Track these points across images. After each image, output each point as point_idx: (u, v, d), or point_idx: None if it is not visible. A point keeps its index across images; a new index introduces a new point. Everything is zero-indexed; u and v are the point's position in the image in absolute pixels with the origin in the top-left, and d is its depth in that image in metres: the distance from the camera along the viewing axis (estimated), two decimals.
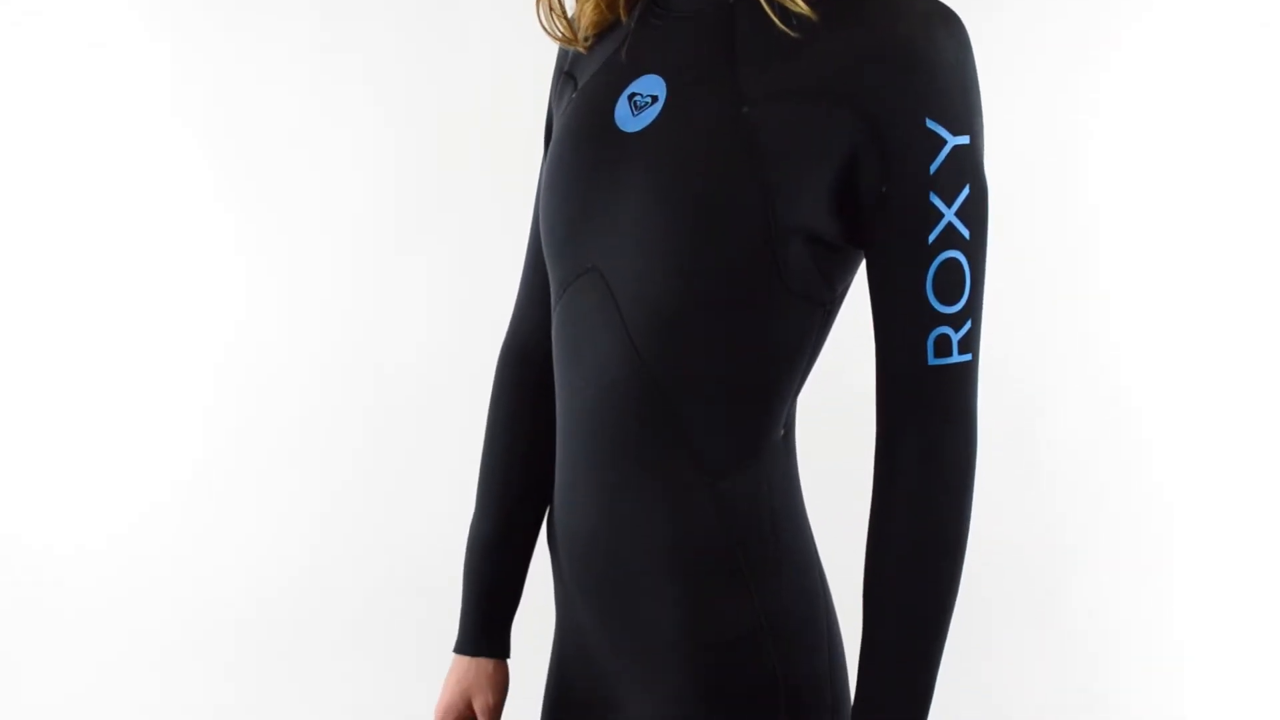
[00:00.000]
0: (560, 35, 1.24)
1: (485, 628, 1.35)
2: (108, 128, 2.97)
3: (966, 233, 1.06)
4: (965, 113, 1.06)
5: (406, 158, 2.99)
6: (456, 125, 2.96)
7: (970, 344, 1.08)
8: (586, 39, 1.23)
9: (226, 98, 2.98)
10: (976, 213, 1.07)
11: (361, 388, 3.00)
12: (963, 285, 1.06)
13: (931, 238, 1.05)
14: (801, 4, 1.06)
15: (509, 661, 1.38)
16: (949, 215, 1.05)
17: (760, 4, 1.08)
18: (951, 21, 1.06)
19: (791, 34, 1.07)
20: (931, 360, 1.07)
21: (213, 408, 3.00)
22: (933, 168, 1.05)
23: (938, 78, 1.04)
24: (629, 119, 1.14)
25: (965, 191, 1.06)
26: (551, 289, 1.22)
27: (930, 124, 1.04)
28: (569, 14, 1.24)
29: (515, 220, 1.72)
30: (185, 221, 3.00)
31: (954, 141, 1.05)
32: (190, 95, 2.98)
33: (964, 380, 1.08)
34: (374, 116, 2.99)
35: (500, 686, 1.36)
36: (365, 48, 2.99)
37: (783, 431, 1.17)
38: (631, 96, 1.14)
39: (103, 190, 2.98)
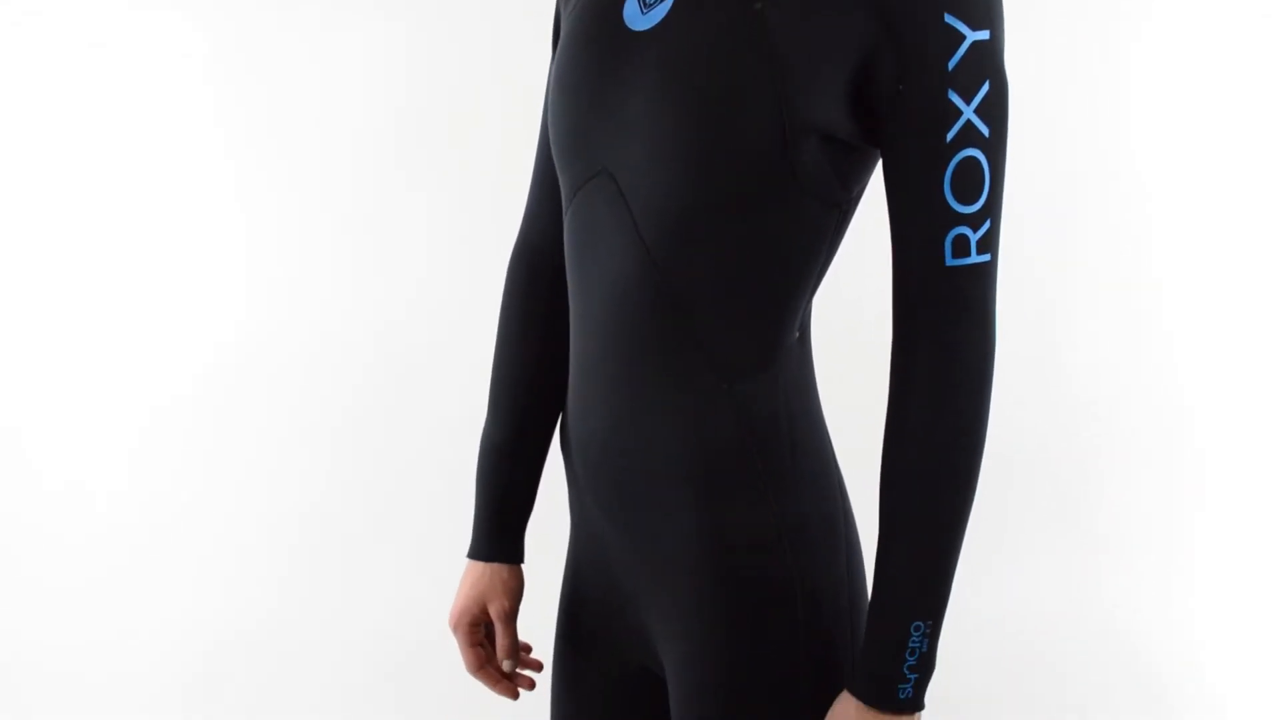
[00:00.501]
0: None
1: (498, 533, 1.35)
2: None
3: (986, 130, 1.03)
4: (985, 7, 1.02)
5: (413, 93, 2.97)
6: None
7: (989, 244, 1.05)
8: None
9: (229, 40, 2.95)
10: (997, 110, 1.03)
11: (369, 299, 2.99)
12: (981, 184, 1.04)
13: (950, 136, 1.02)
14: None
15: (523, 567, 1.38)
16: (968, 113, 1.02)
17: None
18: None
19: None
20: (949, 261, 1.04)
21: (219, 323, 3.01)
22: (951, 64, 1.01)
23: None
24: (638, 17, 1.11)
25: (985, 88, 1.02)
26: (562, 194, 1.20)
27: (949, 19, 1.01)
28: None
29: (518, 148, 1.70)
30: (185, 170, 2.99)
31: (973, 37, 1.02)
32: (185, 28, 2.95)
33: (982, 280, 1.05)
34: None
35: (514, 592, 1.36)
36: None
37: (798, 334, 1.15)
38: None
39: (94, 145, 2.97)
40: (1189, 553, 3.05)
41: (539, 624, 1.57)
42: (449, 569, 1.50)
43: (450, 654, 1.44)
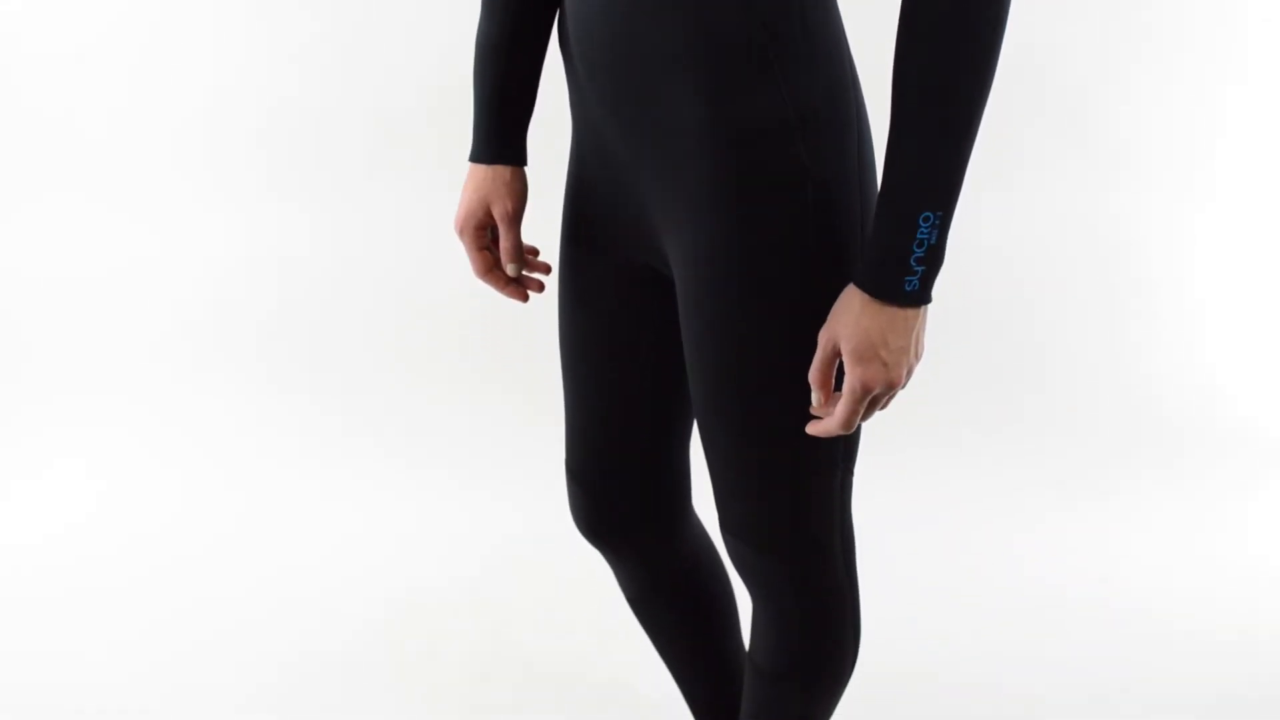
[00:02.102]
0: None
1: (499, 133, 1.32)
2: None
3: None
4: None
5: None
6: None
7: None
8: None
9: None
10: None
11: None
12: None
13: None
14: None
15: (527, 170, 1.36)
16: None
17: None
18: None
19: None
20: None
21: None
22: None
23: None
24: None
25: None
26: None
27: None
28: None
29: None
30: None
31: None
32: None
33: None
34: None
35: (519, 193, 1.34)
36: None
37: None
38: None
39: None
40: (1208, 171, 3.00)
41: (546, 229, 1.58)
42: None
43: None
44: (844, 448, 1.23)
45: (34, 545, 2.41)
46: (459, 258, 1.75)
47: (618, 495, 1.44)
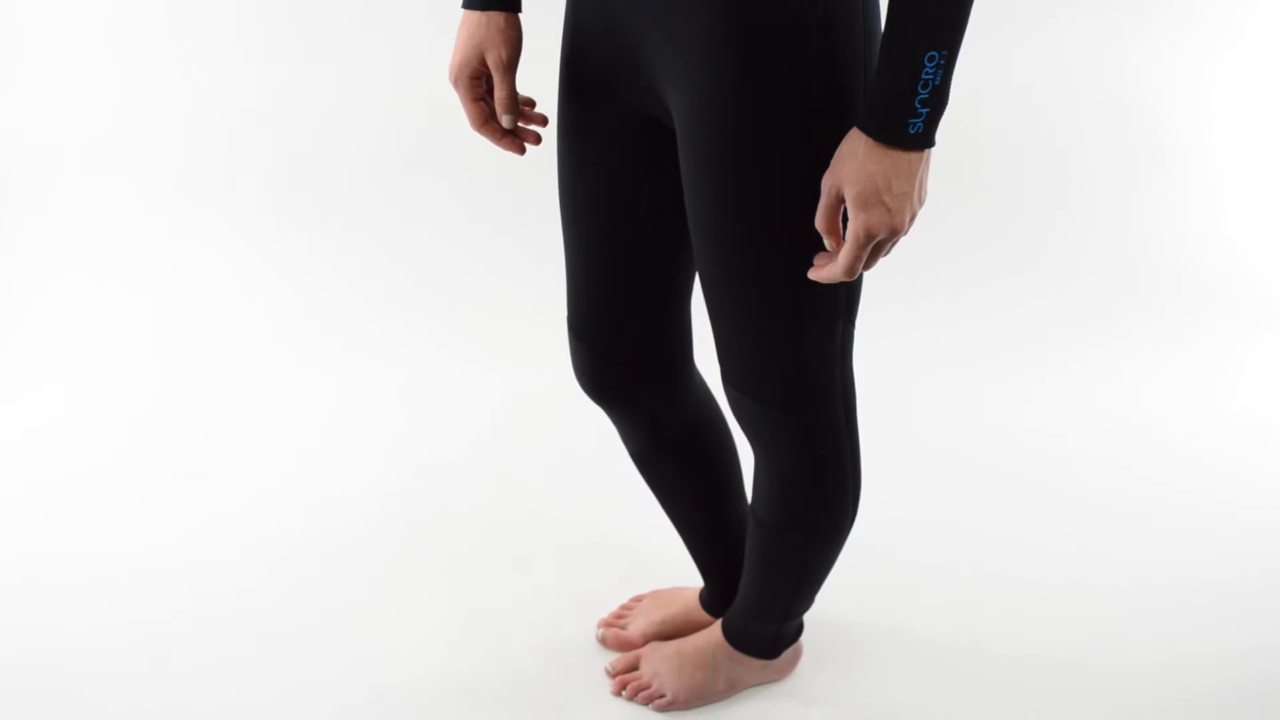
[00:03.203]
0: None
1: None
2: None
3: None
4: None
5: None
6: None
7: None
8: None
9: None
10: None
11: None
12: None
13: None
14: None
15: (521, 17, 1.32)
16: None
17: None
18: None
19: None
20: None
21: None
22: None
23: None
24: None
25: None
26: None
27: None
28: None
29: None
30: None
31: None
32: None
33: None
34: None
35: (513, 41, 1.30)
36: None
37: None
38: None
39: None
40: (1224, 25, 2.93)
41: (543, 82, 1.54)
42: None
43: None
44: (845, 298, 1.22)
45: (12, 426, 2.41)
46: (455, 108, 1.72)
47: (620, 351, 1.43)
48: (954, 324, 2.71)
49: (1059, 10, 2.90)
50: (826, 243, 1.10)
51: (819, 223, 1.09)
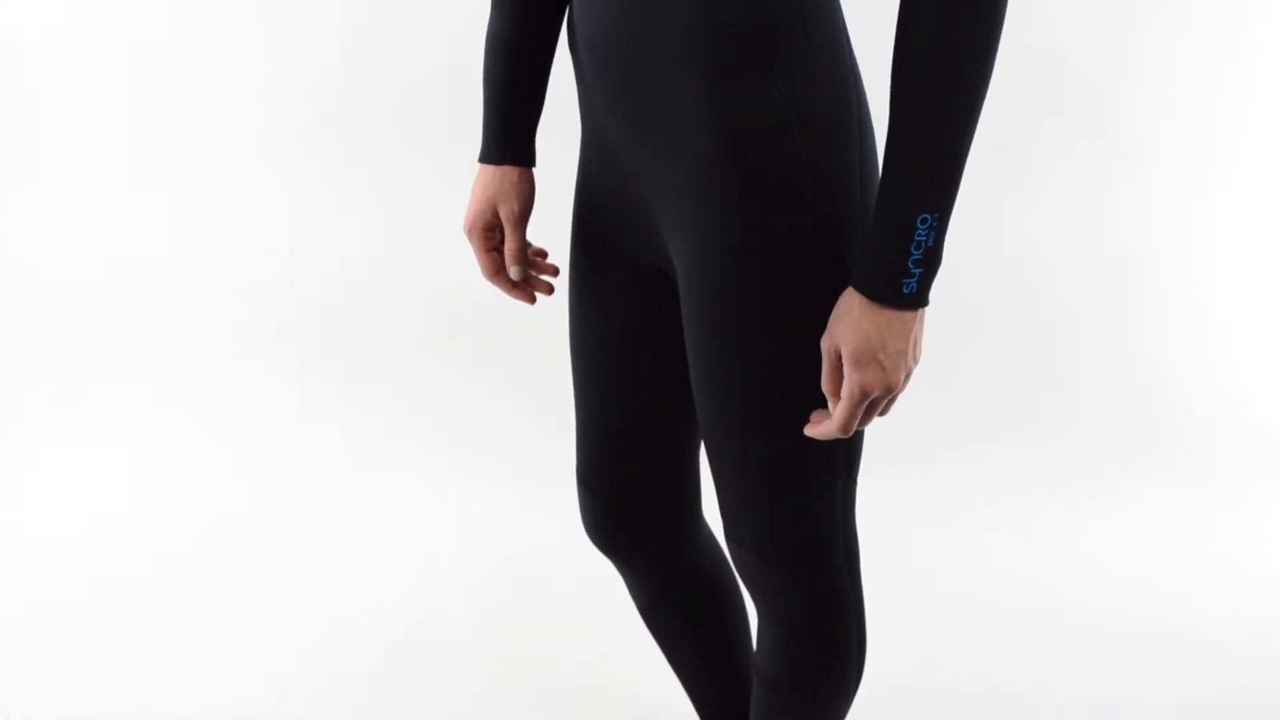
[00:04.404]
0: None
1: (508, 134, 1.32)
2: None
3: None
4: None
5: None
6: None
7: None
8: None
9: None
10: None
11: None
12: None
13: None
14: None
15: (534, 171, 1.35)
16: None
17: None
18: None
19: None
20: None
21: None
22: None
23: None
24: None
25: None
26: None
27: None
28: None
29: None
30: None
31: None
32: None
33: None
34: None
35: (525, 195, 1.33)
36: None
37: None
38: None
39: None
40: (1228, 170, 2.94)
41: (558, 230, 1.57)
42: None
43: None
44: (846, 454, 1.21)
45: (41, 536, 2.43)
46: (468, 258, 1.75)
47: (629, 503, 1.43)
48: (964, 476, 2.67)
49: (1050, 165, 2.91)
50: (829, 404, 1.10)
51: (825, 385, 1.09)
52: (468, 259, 1.75)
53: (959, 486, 2.65)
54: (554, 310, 1.77)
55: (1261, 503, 2.61)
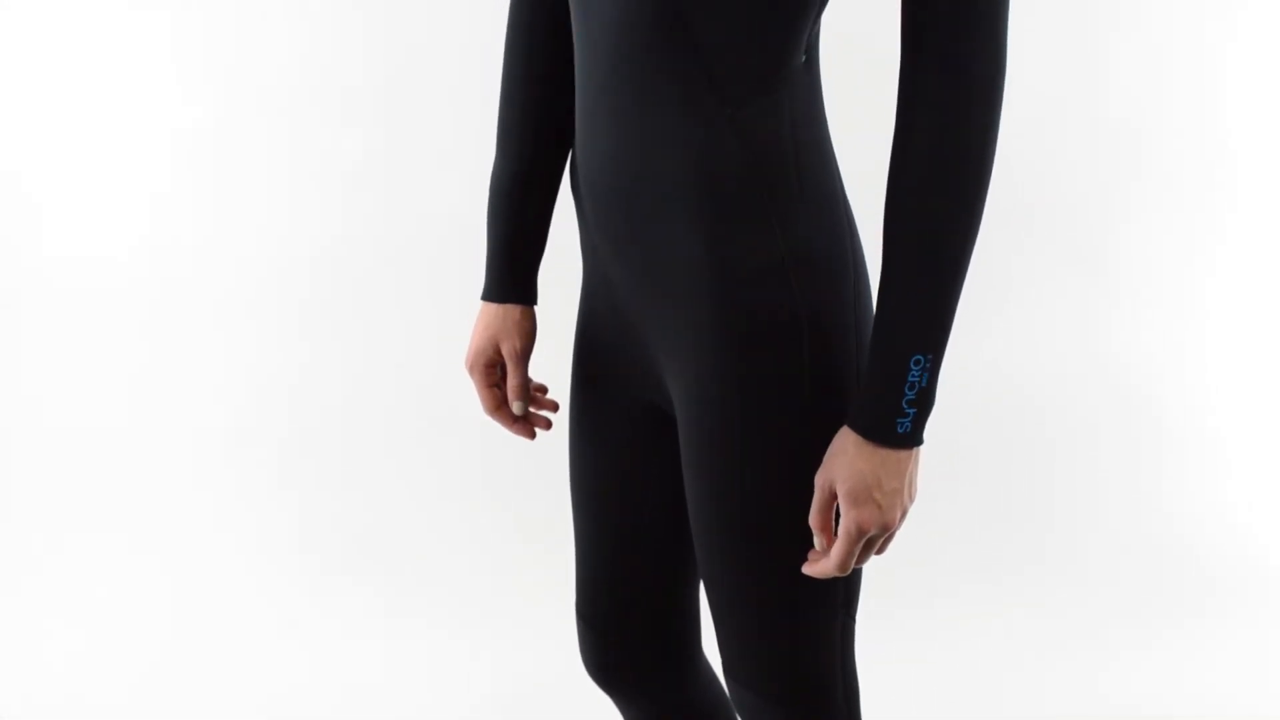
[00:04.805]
0: None
1: (510, 273, 1.35)
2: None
3: None
4: None
5: None
6: None
7: None
8: None
9: None
10: None
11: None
12: None
13: None
14: None
15: (536, 309, 1.38)
16: None
17: None
18: None
19: None
20: None
21: None
22: None
23: None
24: None
25: None
26: None
27: None
28: None
29: None
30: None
31: None
32: None
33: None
34: None
35: (527, 332, 1.36)
36: None
37: (804, 58, 1.10)
38: None
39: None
40: (1202, 305, 2.97)
41: (559, 366, 1.59)
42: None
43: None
44: (844, 593, 1.21)
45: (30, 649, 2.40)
46: (469, 394, 1.76)
47: (628, 639, 1.42)
48: (961, 622, 2.64)
49: (1040, 300, 2.93)
50: (816, 540, 1.11)
51: (812, 520, 1.10)
52: (468, 391, 1.77)
53: (959, 629, 2.61)
54: (554, 442, 1.78)
55: (1272, 645, 2.58)
